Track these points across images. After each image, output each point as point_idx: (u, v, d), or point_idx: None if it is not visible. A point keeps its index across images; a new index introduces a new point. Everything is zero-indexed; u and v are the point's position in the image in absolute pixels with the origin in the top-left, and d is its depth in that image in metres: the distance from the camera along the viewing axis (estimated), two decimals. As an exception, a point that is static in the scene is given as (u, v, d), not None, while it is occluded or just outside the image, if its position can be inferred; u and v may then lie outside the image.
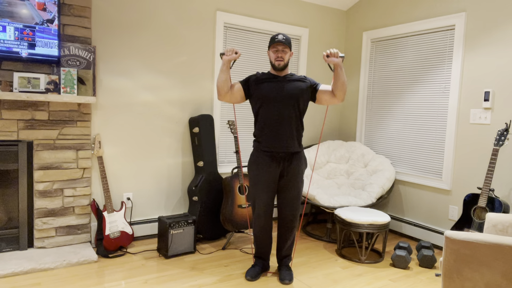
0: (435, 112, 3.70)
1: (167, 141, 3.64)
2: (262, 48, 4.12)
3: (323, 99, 2.75)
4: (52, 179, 3.08)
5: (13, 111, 2.90)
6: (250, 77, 2.80)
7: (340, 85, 2.63)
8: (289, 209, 2.81)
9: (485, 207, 2.96)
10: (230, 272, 2.96)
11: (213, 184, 3.60)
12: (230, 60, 2.67)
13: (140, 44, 3.43)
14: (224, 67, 2.68)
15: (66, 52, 3.02)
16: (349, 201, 3.60)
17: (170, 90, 3.61)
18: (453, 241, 1.86)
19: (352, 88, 4.58)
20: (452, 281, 1.89)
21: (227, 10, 3.84)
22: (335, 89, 2.66)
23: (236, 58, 2.67)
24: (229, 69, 2.70)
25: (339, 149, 4.31)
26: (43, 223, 3.07)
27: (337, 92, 2.66)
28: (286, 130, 2.70)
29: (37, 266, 2.79)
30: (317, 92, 2.75)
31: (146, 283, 2.71)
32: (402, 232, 4.00)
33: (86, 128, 3.18)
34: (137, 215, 3.56)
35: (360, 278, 2.96)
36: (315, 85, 2.77)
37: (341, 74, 2.62)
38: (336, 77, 2.63)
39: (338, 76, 2.62)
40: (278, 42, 2.68)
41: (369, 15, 4.35)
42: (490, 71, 3.27)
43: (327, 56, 2.60)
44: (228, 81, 2.70)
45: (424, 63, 3.80)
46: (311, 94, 2.78)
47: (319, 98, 2.76)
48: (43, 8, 2.83)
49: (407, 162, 3.96)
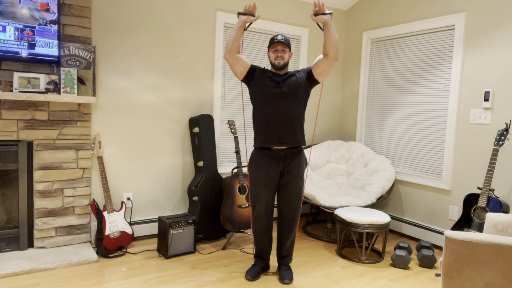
0: (435, 112, 3.70)
1: (167, 141, 3.64)
2: (262, 48, 4.12)
3: (320, 70, 2.71)
4: (52, 179, 3.08)
5: (13, 111, 2.90)
6: (258, 66, 2.81)
7: (333, 42, 2.61)
8: (289, 208, 2.82)
9: (485, 207, 2.96)
10: (230, 272, 2.96)
11: (213, 184, 3.60)
12: (247, 21, 2.66)
13: (140, 44, 3.43)
14: (237, 25, 2.66)
15: (66, 52, 3.02)
16: (349, 201, 3.60)
17: (170, 90, 3.61)
18: (453, 241, 1.86)
19: (352, 88, 4.58)
20: (452, 281, 1.89)
21: (227, 10, 3.84)
22: (328, 47, 2.63)
23: (252, 21, 2.66)
24: (243, 30, 2.67)
25: (339, 149, 4.31)
26: (43, 223, 3.07)
27: (329, 50, 2.63)
28: (286, 125, 2.70)
29: (37, 266, 2.79)
30: (312, 71, 2.73)
31: (146, 283, 2.71)
32: (402, 232, 4.00)
33: (86, 128, 3.18)
34: (137, 215, 3.56)
35: (360, 278, 2.96)
36: (309, 69, 2.76)
37: (332, 31, 2.59)
38: (327, 35, 2.61)
39: (329, 33, 2.60)
40: (278, 42, 2.69)
41: (369, 15, 4.35)
42: (490, 71, 3.27)
43: (315, 14, 2.56)
44: (238, 39, 2.67)
45: (424, 63, 3.80)
46: (310, 79, 2.75)
47: (317, 74, 2.73)
48: (46, 8, 2.83)
49: (407, 162, 3.96)
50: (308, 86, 2.77)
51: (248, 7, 2.64)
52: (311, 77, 2.75)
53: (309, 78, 2.76)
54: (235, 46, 2.68)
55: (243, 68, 2.76)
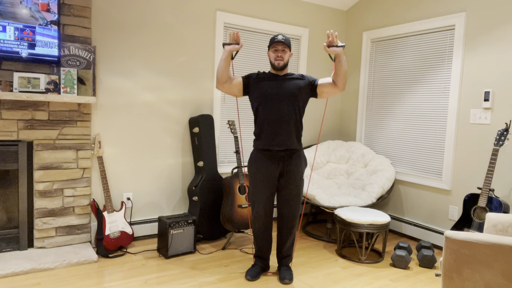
0: (435, 112, 3.70)
1: (167, 141, 3.64)
2: (262, 48, 4.12)
3: (324, 91, 2.75)
4: (52, 179, 3.08)
5: (13, 111, 2.90)
6: (252, 74, 2.82)
7: (342, 74, 2.64)
8: (289, 209, 2.82)
9: (485, 207, 2.96)
10: (230, 272, 2.96)
11: (213, 184, 3.60)
12: (232, 50, 2.68)
13: (140, 44, 3.43)
14: (224, 56, 2.68)
15: (66, 52, 3.02)
16: (349, 201, 3.60)
17: (170, 90, 3.61)
18: (453, 241, 1.86)
19: (352, 88, 4.58)
20: (452, 281, 1.89)
21: (227, 10, 3.84)
22: (337, 78, 2.66)
23: (238, 49, 2.68)
24: (230, 59, 2.70)
25: (339, 149, 4.31)
26: (43, 223, 3.07)
27: (338, 81, 2.66)
28: (285, 127, 2.70)
29: (37, 266, 2.79)
30: (317, 87, 2.76)
31: (146, 283, 2.71)
32: (402, 232, 4.00)
33: (86, 128, 3.18)
34: (137, 215, 3.56)
35: (360, 278, 2.96)
36: (314, 81, 2.78)
37: (343, 63, 2.61)
38: (338, 67, 2.63)
39: (340, 65, 2.62)
40: (278, 42, 2.69)
41: (369, 15, 4.35)
42: (490, 71, 3.27)
43: (328, 46, 2.58)
44: (227, 70, 2.70)
45: (424, 63, 3.80)
46: (311, 90, 2.78)
47: (320, 92, 2.76)
48: (47, 9, 2.83)
49: (407, 162, 3.96)
50: (309, 94, 2.78)
51: (233, 36, 2.68)
52: (314, 89, 2.77)
53: (312, 89, 2.78)
54: (225, 77, 2.71)
55: (238, 88, 2.79)
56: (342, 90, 2.71)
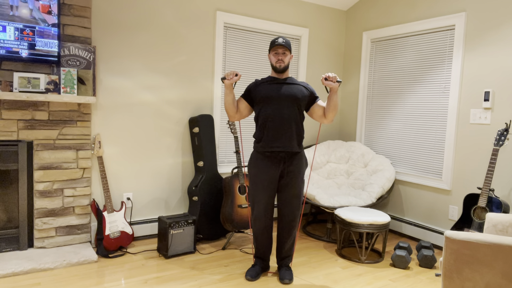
0: (435, 112, 3.70)
1: (167, 141, 3.64)
2: (262, 48, 4.12)
3: (315, 113, 2.82)
4: (52, 179, 3.08)
5: (13, 111, 2.90)
6: (250, 86, 2.86)
7: (332, 107, 2.72)
8: (289, 209, 2.82)
9: (485, 207, 2.96)
10: (230, 272, 2.96)
11: (213, 184, 3.60)
12: (232, 83, 2.73)
13: (140, 44, 3.43)
14: (227, 91, 2.75)
15: (66, 52, 3.02)
16: (349, 201, 3.60)
17: (170, 90, 3.61)
18: (453, 241, 1.86)
19: (352, 88, 4.58)
20: (452, 281, 1.89)
21: (227, 10, 3.84)
22: (327, 110, 2.74)
23: (237, 80, 2.73)
24: (233, 91, 2.77)
25: (339, 149, 4.31)
26: (43, 223, 3.07)
27: (328, 113, 2.74)
28: (286, 129, 2.71)
29: (37, 266, 2.79)
30: (314, 104, 2.82)
31: (146, 283, 2.71)
32: (402, 232, 4.00)
33: (86, 128, 3.18)
34: (137, 215, 3.56)
35: (360, 278, 2.96)
36: (314, 96, 2.83)
37: (334, 98, 2.69)
38: (329, 100, 2.70)
39: (331, 99, 2.70)
40: (278, 45, 2.71)
41: (369, 15, 4.35)
42: (490, 71, 3.27)
43: (325, 79, 2.64)
44: (234, 102, 2.78)
45: (424, 63, 3.80)
46: (308, 102, 2.83)
47: (312, 111, 2.83)
48: (48, 11, 2.83)
49: (407, 162, 3.96)
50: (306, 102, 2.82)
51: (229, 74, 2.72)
52: (311, 102, 2.83)
53: (310, 101, 2.82)
54: (234, 110, 2.80)
55: (247, 109, 2.86)
56: (329, 122, 2.80)
